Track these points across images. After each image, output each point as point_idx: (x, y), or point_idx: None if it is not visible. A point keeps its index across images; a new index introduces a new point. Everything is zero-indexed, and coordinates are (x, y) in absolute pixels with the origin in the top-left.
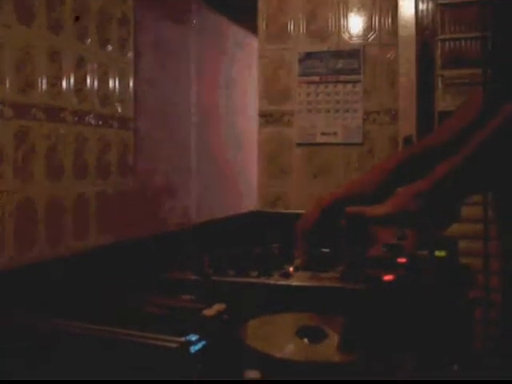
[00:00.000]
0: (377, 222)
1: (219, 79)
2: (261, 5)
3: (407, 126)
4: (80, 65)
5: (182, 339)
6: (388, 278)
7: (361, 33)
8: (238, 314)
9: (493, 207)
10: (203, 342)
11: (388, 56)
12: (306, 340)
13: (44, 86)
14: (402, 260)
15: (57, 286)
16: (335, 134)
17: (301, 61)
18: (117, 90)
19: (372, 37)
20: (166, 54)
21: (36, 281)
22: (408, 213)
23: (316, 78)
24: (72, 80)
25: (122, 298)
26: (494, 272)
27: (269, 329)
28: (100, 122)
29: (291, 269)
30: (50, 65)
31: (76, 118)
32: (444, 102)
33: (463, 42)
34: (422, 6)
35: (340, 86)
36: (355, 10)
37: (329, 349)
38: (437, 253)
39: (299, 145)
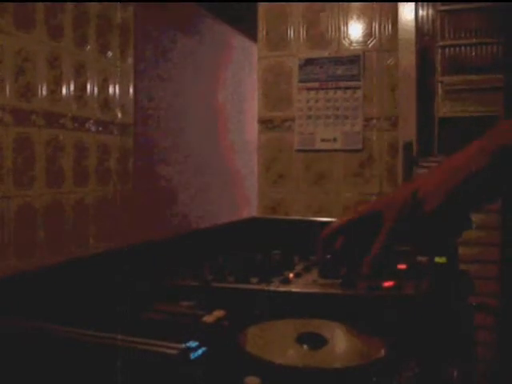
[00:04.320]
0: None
1: (219, 85)
2: (261, 11)
3: (407, 132)
4: (80, 71)
5: (182, 346)
6: (388, 284)
7: (361, 39)
8: (237, 320)
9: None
10: (203, 349)
11: (388, 62)
12: (305, 346)
13: (44, 93)
14: (402, 266)
15: (56, 291)
16: (335, 140)
17: (301, 67)
18: (117, 96)
19: (372, 43)
20: (166, 60)
21: (35, 286)
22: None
23: (316, 84)
24: (72, 86)
25: (122, 304)
26: (492, 278)
27: (269, 335)
28: (100, 128)
29: (291, 275)
30: (50, 71)
31: (76, 124)
32: (444, 108)
33: (463, 49)
34: (421, 12)
35: (340, 92)
36: (355, 16)
37: (329, 355)
38: (437, 259)
39: (299, 151)
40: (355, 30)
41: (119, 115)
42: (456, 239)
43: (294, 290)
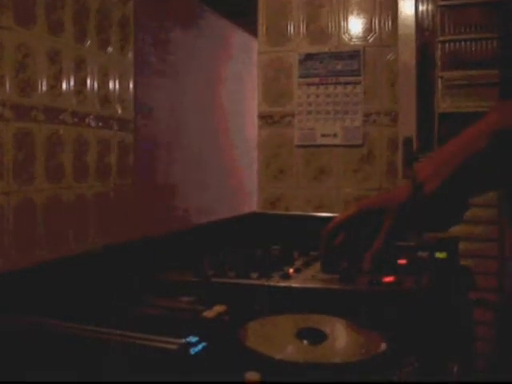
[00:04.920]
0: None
1: (219, 80)
2: (261, 7)
3: (407, 127)
4: (80, 66)
5: (182, 341)
6: (388, 279)
7: (361, 34)
8: (238, 315)
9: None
10: (203, 344)
11: (388, 57)
12: (305, 341)
13: (44, 88)
14: (402, 261)
15: (55, 287)
16: (335, 135)
17: (301, 62)
18: (117, 91)
19: (372, 38)
20: (166, 55)
21: (34, 282)
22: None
23: (316, 80)
24: (72, 81)
25: (122, 300)
26: (492, 273)
27: (269, 330)
28: (100, 124)
29: (291, 270)
30: (50, 66)
31: (76, 120)
32: (444, 103)
33: (463, 44)
34: (422, 8)
35: (340, 88)
36: (355, 11)
37: (328, 350)
38: (437, 254)
39: (299, 146)
40: (355, 25)
41: (119, 110)
42: (457, 222)
43: (293, 285)
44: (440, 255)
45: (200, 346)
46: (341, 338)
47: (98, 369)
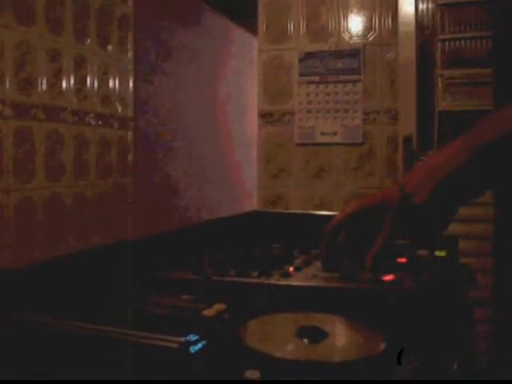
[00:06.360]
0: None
1: (219, 79)
2: (261, 5)
3: (407, 125)
4: (80, 65)
5: (182, 339)
6: (388, 277)
7: (361, 32)
8: (238, 313)
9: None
10: (203, 342)
11: (388, 56)
12: (305, 340)
13: (44, 86)
14: (402, 260)
15: (56, 285)
16: (335, 133)
17: (301, 61)
18: (117, 89)
19: (372, 37)
20: (166, 53)
21: (35, 280)
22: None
23: (316, 78)
24: (72, 80)
25: (122, 298)
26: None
27: (269, 329)
28: (100, 122)
29: (291, 269)
30: (50, 65)
31: (76, 118)
32: (444, 101)
33: (463, 42)
34: (421, 6)
35: (340, 86)
36: (355, 9)
37: (329, 349)
38: (437, 252)
39: (299, 145)
40: (355, 23)
41: (119, 109)
42: (443, 231)
43: (294, 283)
44: (440, 253)
45: (200, 345)
46: (341, 336)
47: (97, 367)
